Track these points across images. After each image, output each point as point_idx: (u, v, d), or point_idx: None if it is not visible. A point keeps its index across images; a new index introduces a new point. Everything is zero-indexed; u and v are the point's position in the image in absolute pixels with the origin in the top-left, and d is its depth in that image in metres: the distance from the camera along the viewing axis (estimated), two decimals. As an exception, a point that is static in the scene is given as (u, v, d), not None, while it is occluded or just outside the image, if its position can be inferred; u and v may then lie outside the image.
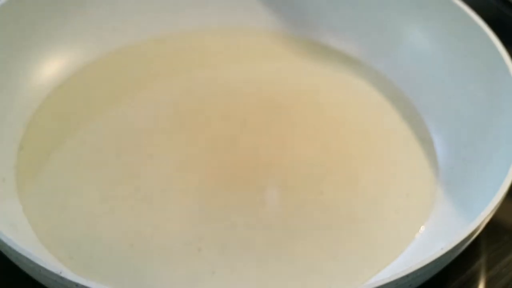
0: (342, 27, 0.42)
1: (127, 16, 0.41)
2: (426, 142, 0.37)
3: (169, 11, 0.42)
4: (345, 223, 0.33)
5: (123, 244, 0.31)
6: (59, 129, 0.36)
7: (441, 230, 0.32)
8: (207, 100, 0.38)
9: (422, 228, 0.33)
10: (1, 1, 0.36)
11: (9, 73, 0.36)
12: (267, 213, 0.33)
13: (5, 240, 0.26)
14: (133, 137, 0.36)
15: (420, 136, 0.37)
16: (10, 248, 0.26)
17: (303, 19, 0.42)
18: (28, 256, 0.25)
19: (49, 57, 0.38)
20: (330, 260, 0.31)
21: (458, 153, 0.35)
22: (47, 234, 0.31)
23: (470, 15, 0.36)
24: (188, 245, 0.31)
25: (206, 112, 0.38)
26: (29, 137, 0.35)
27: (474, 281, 0.32)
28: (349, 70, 0.40)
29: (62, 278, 0.25)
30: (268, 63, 0.41)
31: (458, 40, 0.37)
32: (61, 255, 0.31)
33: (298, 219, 0.33)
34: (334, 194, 0.34)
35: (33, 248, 0.30)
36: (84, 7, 0.40)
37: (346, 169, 0.35)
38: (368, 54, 0.41)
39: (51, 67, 0.38)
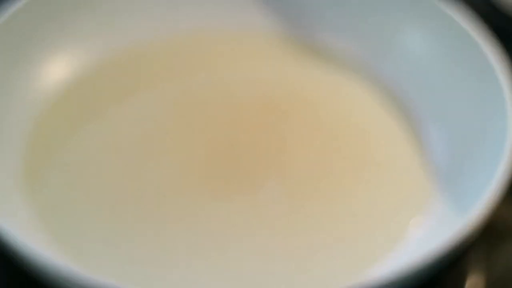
0: (341, 28, 0.42)
1: (127, 17, 0.41)
2: (425, 142, 0.37)
3: (168, 12, 0.42)
4: (344, 223, 0.33)
5: (122, 245, 0.31)
6: (59, 130, 0.36)
7: (437, 230, 0.32)
8: (207, 101, 0.38)
9: (418, 228, 0.33)
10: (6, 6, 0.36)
11: (14, 75, 0.37)
12: (267, 212, 0.33)
13: (5, 240, 0.26)
14: (133, 137, 0.36)
15: (419, 136, 0.37)
16: (13, 246, 0.26)
17: (302, 20, 0.42)
18: (32, 255, 0.26)
19: (49, 58, 0.38)
20: (330, 259, 0.31)
21: (457, 153, 0.35)
22: (51, 233, 0.32)
23: (468, 17, 0.36)
24: (187, 245, 0.31)
25: (206, 112, 0.38)
26: (34, 138, 0.35)
27: (472, 282, 0.32)
28: (348, 71, 0.40)
29: (63, 278, 0.25)
30: (267, 64, 0.41)
31: (458, 41, 0.37)
32: (64, 254, 0.31)
33: (297, 219, 0.33)
34: (334, 194, 0.34)
35: (37, 247, 0.30)
36: (84, 9, 0.40)
37: (346, 169, 0.35)
38: (367, 55, 0.41)
39: (50, 68, 0.38)
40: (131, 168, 0.35)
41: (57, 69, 0.39)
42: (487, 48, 0.35)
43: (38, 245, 0.30)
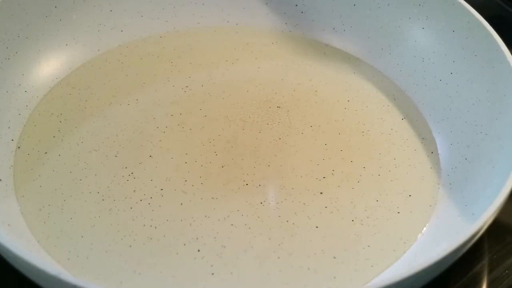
0: (343, 25, 0.42)
1: (126, 16, 0.41)
2: (427, 142, 0.36)
3: (168, 11, 0.42)
4: (345, 224, 0.33)
5: (121, 245, 0.31)
6: (57, 129, 0.36)
7: (443, 231, 0.32)
8: (207, 99, 0.38)
9: (425, 229, 0.32)
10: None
11: (7, 72, 0.36)
12: (267, 213, 0.33)
13: (2, 241, 0.26)
14: (132, 137, 0.36)
15: (421, 135, 0.37)
16: (7, 249, 0.26)
17: (303, 18, 0.42)
18: (26, 258, 0.25)
19: (47, 57, 0.38)
20: (331, 260, 0.31)
21: (460, 153, 0.35)
22: (45, 234, 0.31)
23: (472, 13, 0.36)
24: (187, 245, 0.31)
25: (206, 112, 0.37)
26: (27, 137, 0.35)
27: (477, 282, 0.32)
28: (349, 69, 0.40)
29: (60, 280, 0.25)
30: (268, 62, 0.41)
31: (460, 39, 0.37)
32: (58, 256, 0.30)
33: (298, 219, 0.33)
34: (334, 194, 0.34)
35: (31, 249, 0.30)
36: (82, 7, 0.40)
37: (347, 169, 0.35)
38: (369, 53, 0.41)
39: (48, 67, 0.38)
40: (128, 168, 0.34)
41: (52, 68, 0.38)
42: (500, 44, 0.34)
43: (28, 246, 0.30)
